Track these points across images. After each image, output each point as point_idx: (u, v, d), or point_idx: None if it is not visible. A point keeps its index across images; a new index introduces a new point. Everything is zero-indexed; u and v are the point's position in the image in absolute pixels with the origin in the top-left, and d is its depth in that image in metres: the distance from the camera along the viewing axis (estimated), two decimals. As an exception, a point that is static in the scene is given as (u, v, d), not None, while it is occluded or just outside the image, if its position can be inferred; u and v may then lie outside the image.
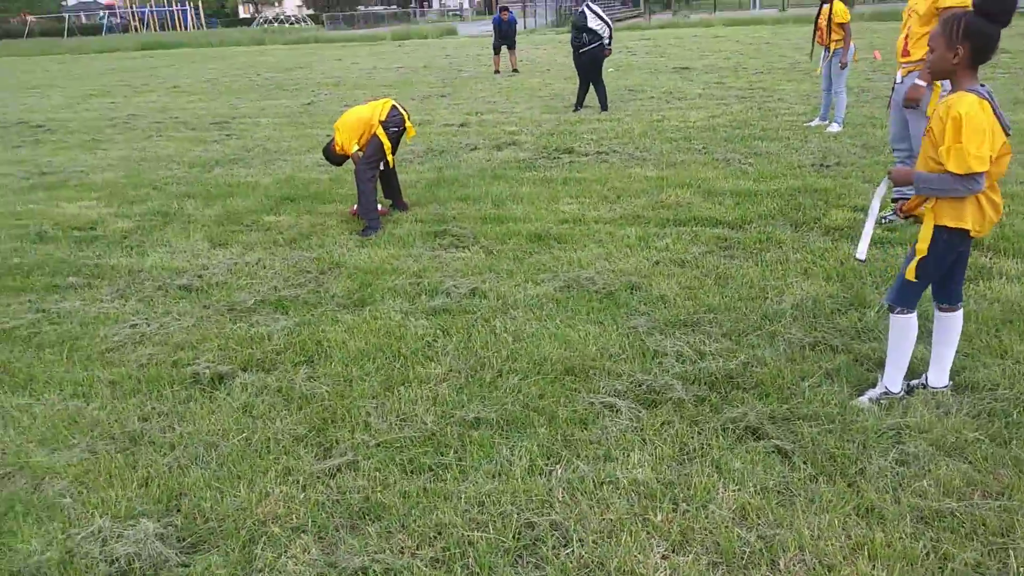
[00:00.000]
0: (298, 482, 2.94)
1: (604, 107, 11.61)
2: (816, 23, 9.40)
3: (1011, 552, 2.41)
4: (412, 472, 2.97)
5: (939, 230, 2.95)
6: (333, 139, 6.18)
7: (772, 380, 3.47)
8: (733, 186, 6.77)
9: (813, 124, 9.54)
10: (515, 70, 18.17)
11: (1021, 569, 2.34)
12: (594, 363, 3.71)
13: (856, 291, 4.37)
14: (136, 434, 3.25)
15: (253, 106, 14.04)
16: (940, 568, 2.37)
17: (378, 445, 3.13)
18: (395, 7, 67.10)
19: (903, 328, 3.18)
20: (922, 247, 2.99)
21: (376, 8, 64.37)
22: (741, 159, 7.84)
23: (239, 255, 5.58)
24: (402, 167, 8.09)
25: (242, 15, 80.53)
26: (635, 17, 45.96)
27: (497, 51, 18.26)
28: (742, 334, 3.95)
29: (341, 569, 2.50)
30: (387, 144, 6.07)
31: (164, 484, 2.91)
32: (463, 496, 2.80)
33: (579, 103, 11.90)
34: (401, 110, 6.21)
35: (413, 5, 75.37)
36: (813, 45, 9.62)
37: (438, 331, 4.15)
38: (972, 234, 2.93)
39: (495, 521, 2.66)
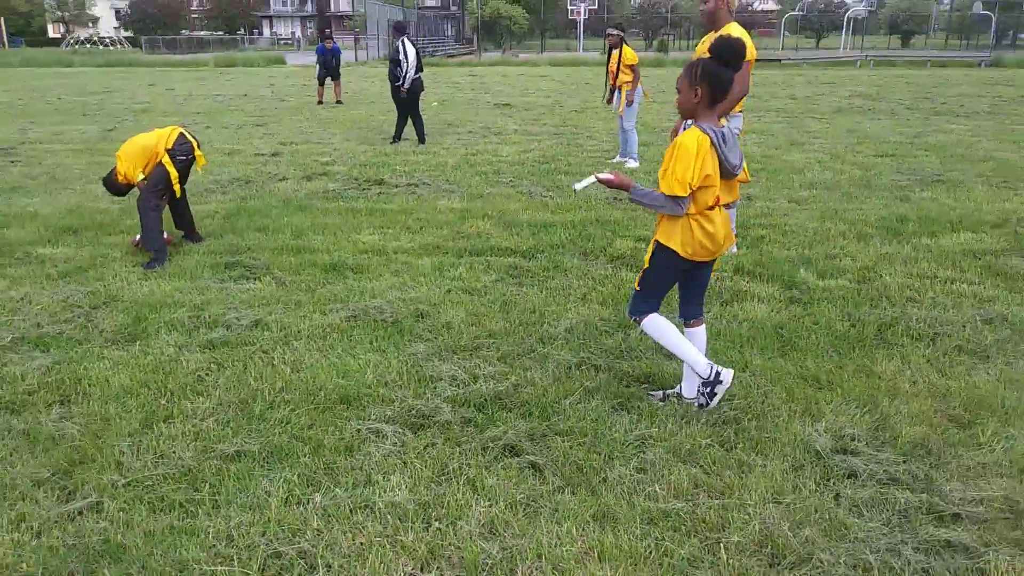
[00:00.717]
0: (32, 528, 2.74)
1: (422, 140, 11.78)
2: (607, 67, 10.07)
3: (723, 546, 2.65)
4: (160, 510, 2.85)
5: (656, 245, 3.33)
6: (115, 168, 5.87)
7: (537, 399, 3.63)
8: (531, 217, 7.06)
9: (615, 160, 10.16)
10: (339, 101, 18.04)
11: (731, 561, 2.59)
12: (369, 391, 3.74)
13: (625, 314, 4.68)
14: None
15: (47, 131, 13.05)
16: (660, 564, 2.57)
17: (127, 484, 2.98)
18: (222, 33, 64.82)
19: (656, 328, 3.45)
20: (646, 259, 3.39)
21: (201, 33, 61.92)
22: (543, 192, 8.20)
23: (3, 291, 5.14)
24: (202, 197, 7.82)
25: (52, 35, 74.74)
26: (468, 54, 47.04)
27: (322, 82, 18.04)
28: (516, 357, 4.12)
29: (66, 618, 2.36)
30: (174, 173, 5.84)
31: None
32: (211, 531, 2.72)
33: (397, 136, 12.00)
34: (189, 137, 6.00)
35: (242, 32, 73.13)
36: (606, 87, 10.28)
37: (212, 364, 4.03)
38: (683, 255, 3.26)
39: (241, 554, 2.61)
